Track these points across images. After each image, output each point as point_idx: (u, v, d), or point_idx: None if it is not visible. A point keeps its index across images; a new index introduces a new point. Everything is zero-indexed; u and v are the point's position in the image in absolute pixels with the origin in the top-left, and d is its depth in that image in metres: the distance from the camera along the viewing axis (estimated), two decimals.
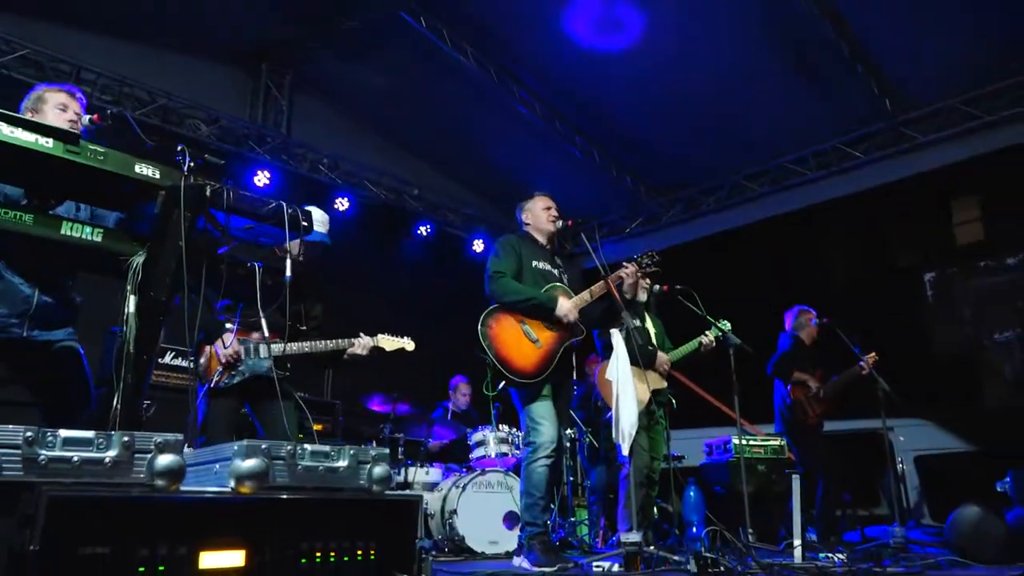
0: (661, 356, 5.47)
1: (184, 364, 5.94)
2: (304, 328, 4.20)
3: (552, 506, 4.54)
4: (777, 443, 7.43)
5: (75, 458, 1.03)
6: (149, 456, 1.08)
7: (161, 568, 1.08)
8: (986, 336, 8.71)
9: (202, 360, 4.04)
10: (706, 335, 5.82)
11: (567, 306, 4.27)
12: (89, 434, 1.04)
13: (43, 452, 1.01)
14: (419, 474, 6.48)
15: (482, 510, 5.86)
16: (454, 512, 5.81)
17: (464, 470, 6.45)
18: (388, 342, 4.52)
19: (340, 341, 4.21)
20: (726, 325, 5.68)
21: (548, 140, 9.41)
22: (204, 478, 1.24)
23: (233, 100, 8.61)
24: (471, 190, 10.88)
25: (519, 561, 4.16)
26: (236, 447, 1.20)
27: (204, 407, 3.99)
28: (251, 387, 4.00)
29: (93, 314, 3.49)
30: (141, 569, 1.06)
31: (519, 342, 4.19)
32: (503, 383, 4.23)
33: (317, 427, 6.65)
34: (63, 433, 1.02)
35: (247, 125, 8.54)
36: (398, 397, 6.63)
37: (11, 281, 3.08)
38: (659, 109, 8.93)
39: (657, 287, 5.75)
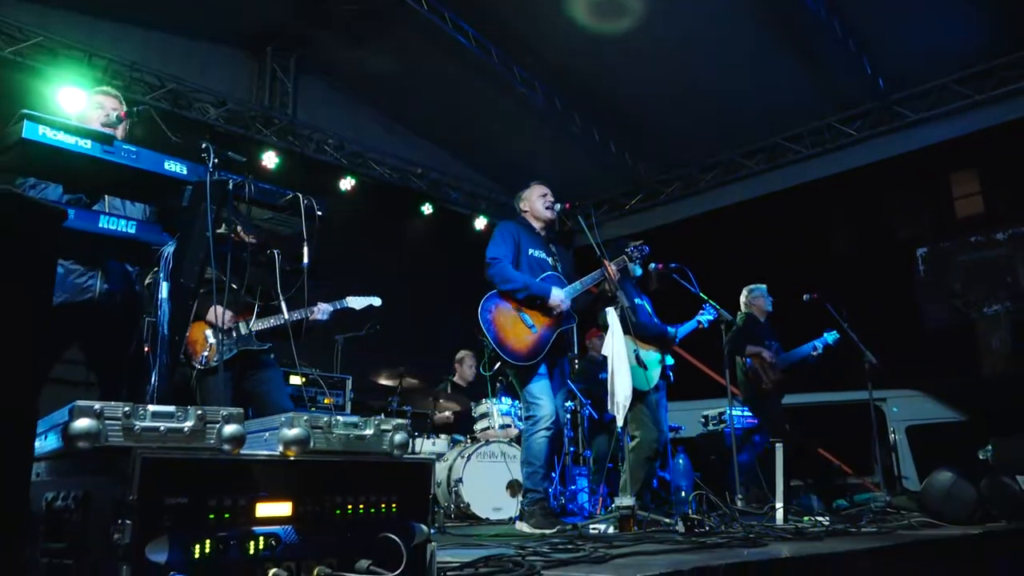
0: (670, 330, 5.73)
1: None
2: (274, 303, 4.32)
3: (553, 475, 4.81)
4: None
5: (162, 428, 1.29)
6: (218, 426, 1.35)
7: (227, 515, 1.34)
8: (975, 309, 8.93)
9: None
10: (704, 314, 6.05)
11: (559, 296, 4.50)
12: (171, 409, 1.30)
13: (137, 423, 1.27)
14: (425, 445, 6.75)
15: (486, 478, 6.14)
16: (459, 480, 6.08)
17: (468, 441, 6.70)
18: (356, 301, 4.84)
19: (302, 311, 4.38)
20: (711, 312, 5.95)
21: (548, 119, 9.59)
22: (257, 444, 1.51)
23: (240, 83, 8.80)
24: (473, 169, 11.08)
25: (521, 525, 4.44)
26: (283, 419, 1.46)
27: (200, 389, 4.08)
28: (240, 361, 4.13)
29: None
30: (211, 516, 1.32)
31: (515, 327, 4.45)
32: (499, 364, 4.48)
33: (327, 401, 6.94)
34: (151, 408, 1.29)
35: (254, 108, 8.73)
36: (404, 371, 6.88)
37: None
38: (657, 88, 9.09)
39: (653, 265, 5.96)
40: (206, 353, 4.06)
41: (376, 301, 5.02)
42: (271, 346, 4.22)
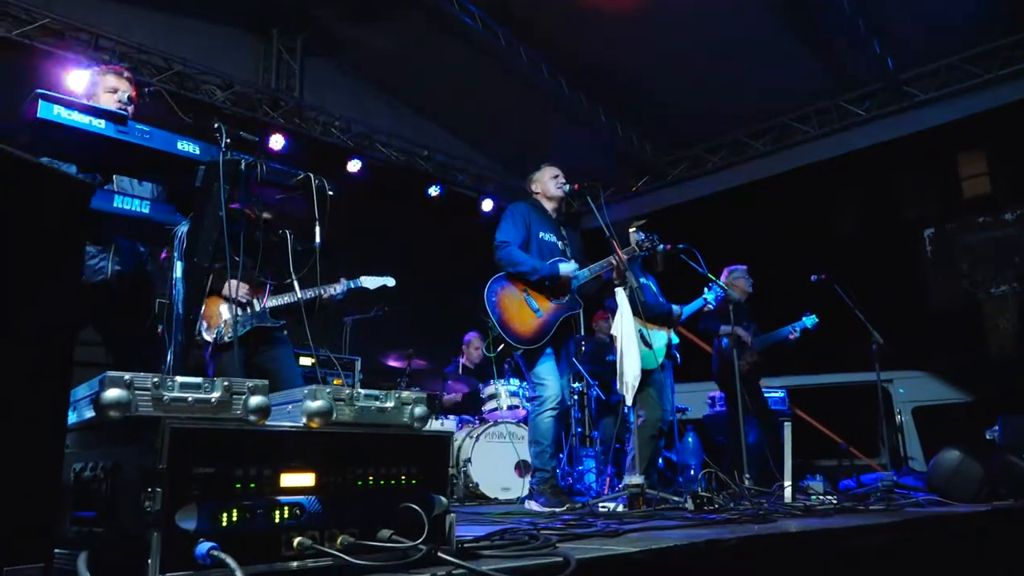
0: (675, 309, 5.74)
1: None
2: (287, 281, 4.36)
3: (560, 455, 4.86)
4: (777, 395, 7.75)
5: (190, 398, 1.31)
6: (244, 397, 1.37)
7: (252, 485, 1.37)
8: (982, 290, 8.93)
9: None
10: (709, 293, 6.06)
11: (569, 268, 4.54)
12: (199, 380, 1.33)
13: (166, 393, 1.30)
14: (434, 426, 6.80)
15: (494, 459, 6.19)
16: (468, 461, 6.14)
17: (477, 421, 6.75)
18: (370, 281, 4.88)
19: (316, 288, 4.42)
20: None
21: (555, 101, 9.55)
22: (280, 416, 1.53)
23: (246, 65, 8.79)
24: (480, 151, 11.06)
25: (530, 504, 4.48)
26: (306, 391, 1.49)
27: (214, 364, 4.15)
28: (253, 337, 4.16)
29: None
30: (238, 485, 1.35)
31: (521, 310, 4.48)
32: (502, 346, 4.50)
33: (337, 382, 6.98)
34: (179, 379, 1.31)
35: (261, 90, 8.72)
36: (413, 353, 6.92)
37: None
38: (664, 69, 9.04)
39: (662, 246, 5.96)
40: (221, 328, 4.10)
41: (390, 281, 5.08)
42: (284, 323, 4.26)
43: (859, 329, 6.75)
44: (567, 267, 4.55)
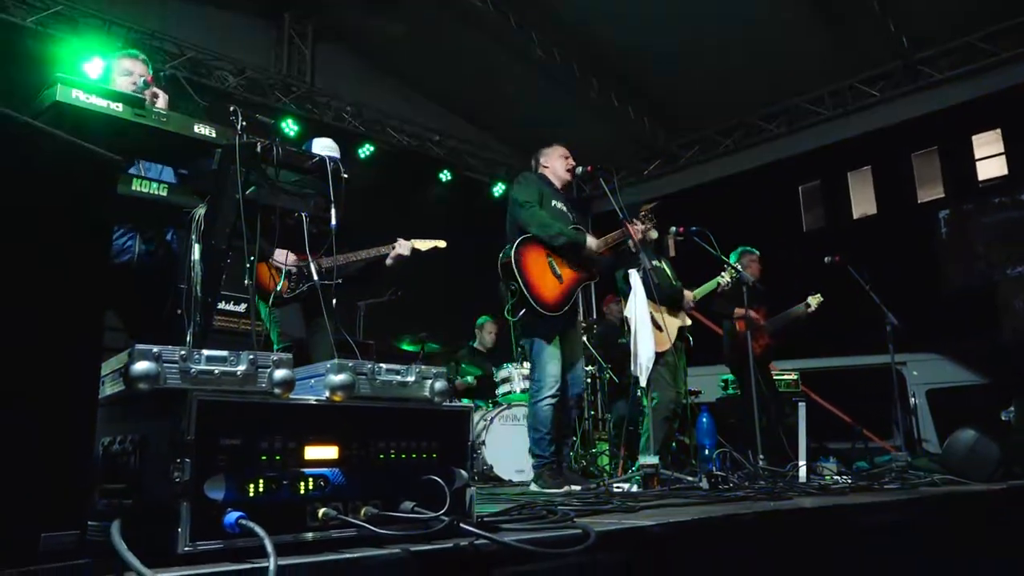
0: (687, 294, 5.74)
1: (228, 308, 6.18)
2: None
3: (574, 438, 4.82)
4: (790, 377, 7.74)
5: (216, 371, 1.33)
6: (268, 370, 1.39)
7: (277, 457, 1.39)
8: (998, 271, 8.86)
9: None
10: (723, 276, 6.05)
11: (597, 242, 4.52)
12: (224, 353, 1.35)
13: (193, 366, 1.32)
14: None
15: (508, 441, 6.21)
16: (482, 444, 6.17)
17: (491, 404, 6.78)
18: (422, 244, 4.94)
19: (380, 248, 4.51)
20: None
21: (566, 84, 9.53)
22: (304, 389, 1.55)
23: (258, 51, 8.80)
24: (491, 135, 11.04)
25: (532, 486, 4.51)
26: (329, 365, 1.51)
27: (278, 315, 4.34)
28: (309, 299, 4.33)
29: None
30: (263, 457, 1.37)
31: (544, 274, 4.41)
32: (524, 310, 4.34)
33: None
34: (206, 352, 1.33)
35: (272, 75, 8.73)
36: (427, 337, 6.95)
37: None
38: (675, 51, 8.99)
39: (674, 229, 5.94)
40: (279, 288, 4.21)
41: (441, 243, 5.09)
42: (340, 283, 4.37)
43: (873, 311, 6.71)
44: (593, 241, 4.53)
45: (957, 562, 2.82)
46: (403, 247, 4.69)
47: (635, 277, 4.49)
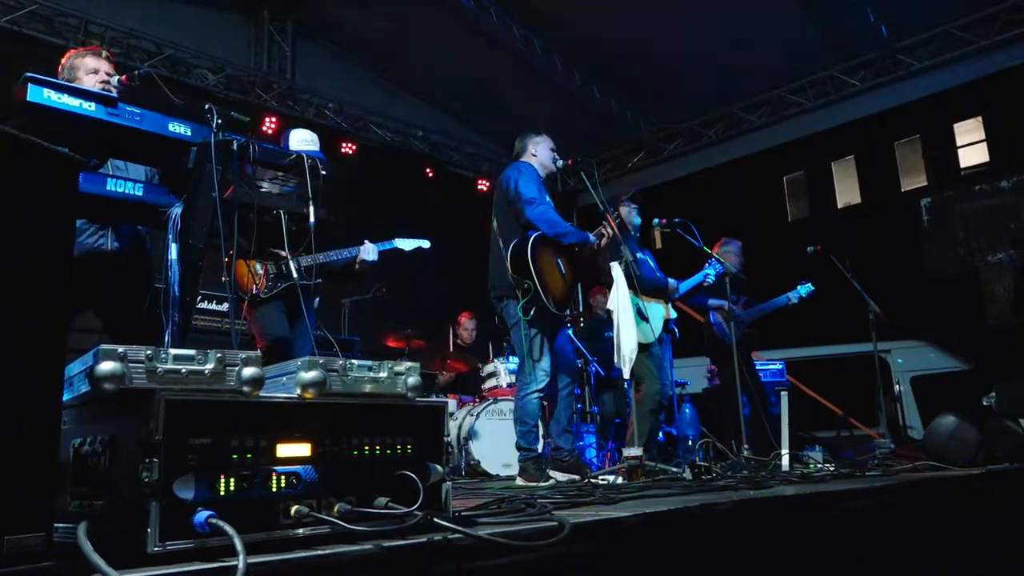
0: (671, 282, 5.74)
1: (208, 307, 6.15)
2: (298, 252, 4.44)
3: (569, 431, 4.80)
4: (775, 367, 7.78)
5: (183, 370, 1.32)
6: (237, 368, 1.39)
7: (248, 455, 1.38)
8: (979, 257, 8.93)
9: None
10: (709, 270, 6.06)
11: (595, 240, 4.54)
12: (192, 352, 1.34)
13: (159, 365, 1.31)
14: None
15: (495, 436, 6.21)
16: (468, 439, 6.17)
17: (476, 399, 6.78)
18: (405, 243, 4.86)
19: (350, 249, 4.46)
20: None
21: (549, 78, 9.52)
22: (276, 387, 1.55)
23: (237, 48, 8.74)
24: (475, 130, 11.02)
25: (519, 480, 4.52)
26: (299, 363, 1.50)
27: (259, 315, 4.30)
28: (290, 294, 4.29)
29: None
30: (234, 455, 1.37)
31: (554, 273, 4.39)
32: (534, 309, 4.26)
33: None
34: (172, 351, 1.33)
35: (252, 73, 8.68)
36: (412, 334, 6.94)
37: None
38: (657, 43, 9.00)
39: (656, 220, 5.95)
40: (256, 285, 4.19)
41: (425, 243, 4.98)
42: (320, 283, 4.37)
43: (856, 300, 6.76)
44: (595, 238, 4.54)
45: (935, 546, 2.85)
46: (369, 252, 4.52)
47: (616, 269, 4.50)
